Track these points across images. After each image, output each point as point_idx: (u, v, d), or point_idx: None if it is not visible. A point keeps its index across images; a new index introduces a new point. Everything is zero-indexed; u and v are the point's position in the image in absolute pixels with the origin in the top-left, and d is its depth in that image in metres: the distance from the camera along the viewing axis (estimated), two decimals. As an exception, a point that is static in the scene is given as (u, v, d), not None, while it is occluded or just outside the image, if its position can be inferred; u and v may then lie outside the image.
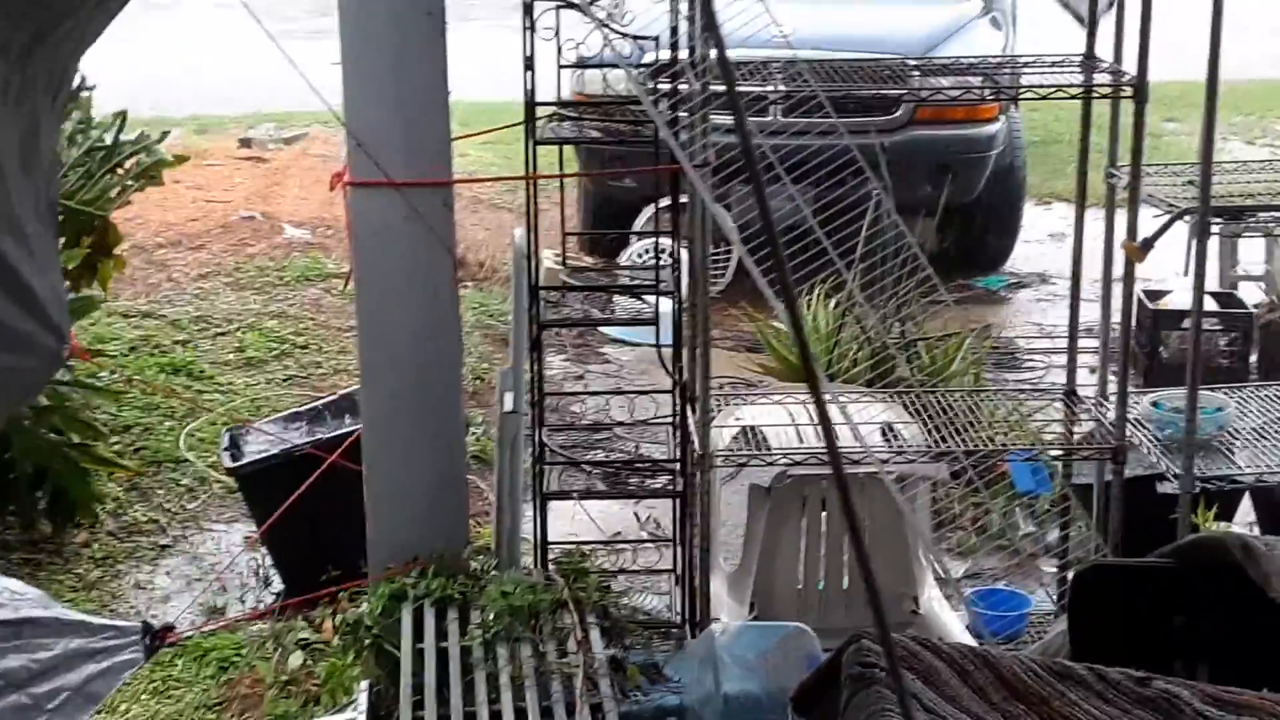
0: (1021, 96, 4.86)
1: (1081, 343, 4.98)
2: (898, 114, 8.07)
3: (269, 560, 5.44)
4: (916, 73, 4.90)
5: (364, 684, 4.04)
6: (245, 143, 11.75)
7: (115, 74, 6.25)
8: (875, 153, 5.46)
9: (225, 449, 5.48)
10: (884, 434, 4.58)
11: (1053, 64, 4.69)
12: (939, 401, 4.72)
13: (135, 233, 8.61)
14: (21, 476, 5.49)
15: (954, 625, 4.62)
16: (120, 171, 5.97)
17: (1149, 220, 4.33)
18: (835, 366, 6.18)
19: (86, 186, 5.78)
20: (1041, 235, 9.49)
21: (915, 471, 4.47)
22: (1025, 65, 4.81)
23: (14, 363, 2.32)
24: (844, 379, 5.86)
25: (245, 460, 5.36)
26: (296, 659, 4.70)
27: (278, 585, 5.38)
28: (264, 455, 5.32)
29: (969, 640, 4.34)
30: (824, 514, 4.57)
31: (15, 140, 2.19)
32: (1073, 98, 4.59)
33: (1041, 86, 4.50)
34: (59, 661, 2.85)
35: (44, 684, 2.79)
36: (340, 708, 4.16)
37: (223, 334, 7.67)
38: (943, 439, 4.46)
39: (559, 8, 4.38)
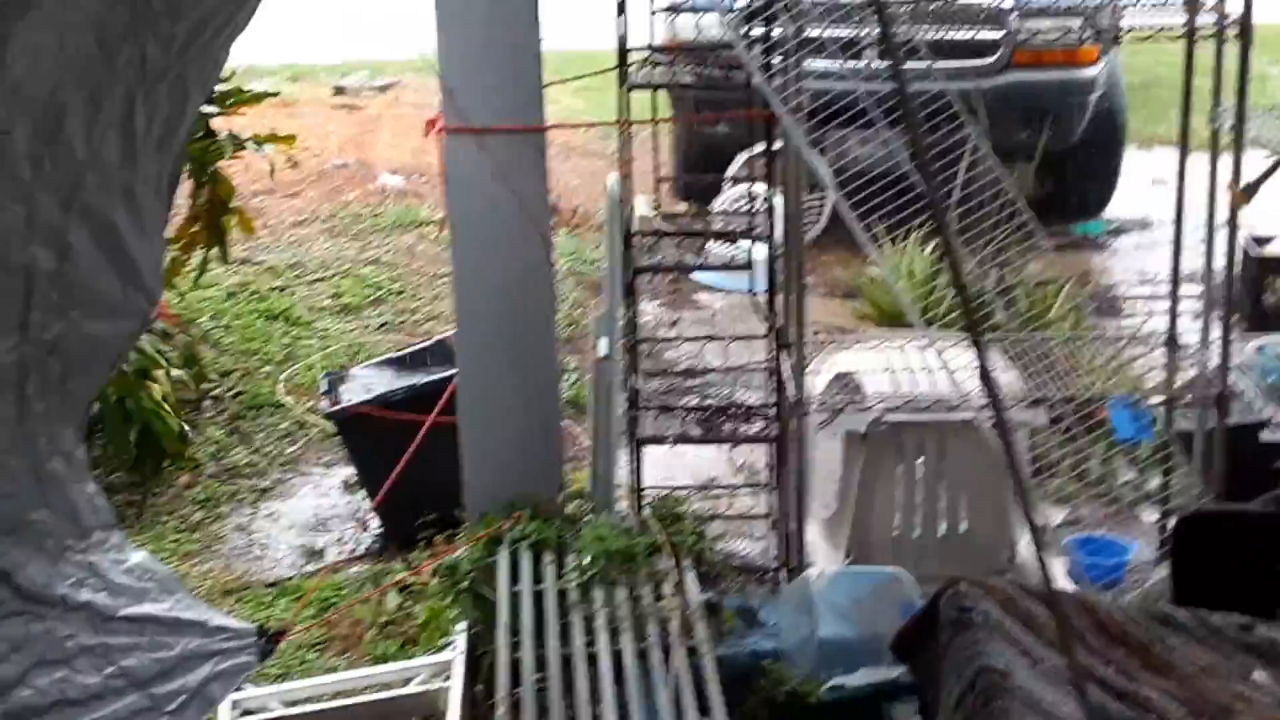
0: (1121, 38, 4.78)
1: (1184, 289, 4.90)
2: (995, 57, 7.96)
3: (367, 503, 5.50)
4: (1014, 15, 4.82)
5: (461, 626, 4.09)
6: (339, 91, 11.83)
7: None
8: (973, 97, 5.39)
9: (323, 394, 5.55)
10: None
11: (1154, 4, 4.60)
12: (1037, 348, 4.67)
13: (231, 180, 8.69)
14: (120, 418, 5.57)
15: (1053, 572, 4.58)
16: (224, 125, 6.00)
17: (1254, 164, 4.25)
18: (931, 312, 6.12)
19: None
20: (1143, 180, 9.32)
21: (1012, 418, 4.43)
22: (1126, 6, 4.72)
23: (108, 329, 2.42)
24: (940, 325, 5.81)
25: (343, 404, 5.41)
26: (394, 601, 4.76)
27: (376, 528, 5.44)
28: (361, 400, 5.37)
29: (1069, 587, 4.31)
30: (919, 460, 4.55)
31: (160, 122, 2.31)
32: (1176, 39, 4.50)
33: (1143, 28, 4.41)
34: (178, 662, 2.84)
35: (165, 684, 2.79)
36: (438, 649, 4.21)
37: (319, 280, 7.75)
38: (1041, 385, 4.42)
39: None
